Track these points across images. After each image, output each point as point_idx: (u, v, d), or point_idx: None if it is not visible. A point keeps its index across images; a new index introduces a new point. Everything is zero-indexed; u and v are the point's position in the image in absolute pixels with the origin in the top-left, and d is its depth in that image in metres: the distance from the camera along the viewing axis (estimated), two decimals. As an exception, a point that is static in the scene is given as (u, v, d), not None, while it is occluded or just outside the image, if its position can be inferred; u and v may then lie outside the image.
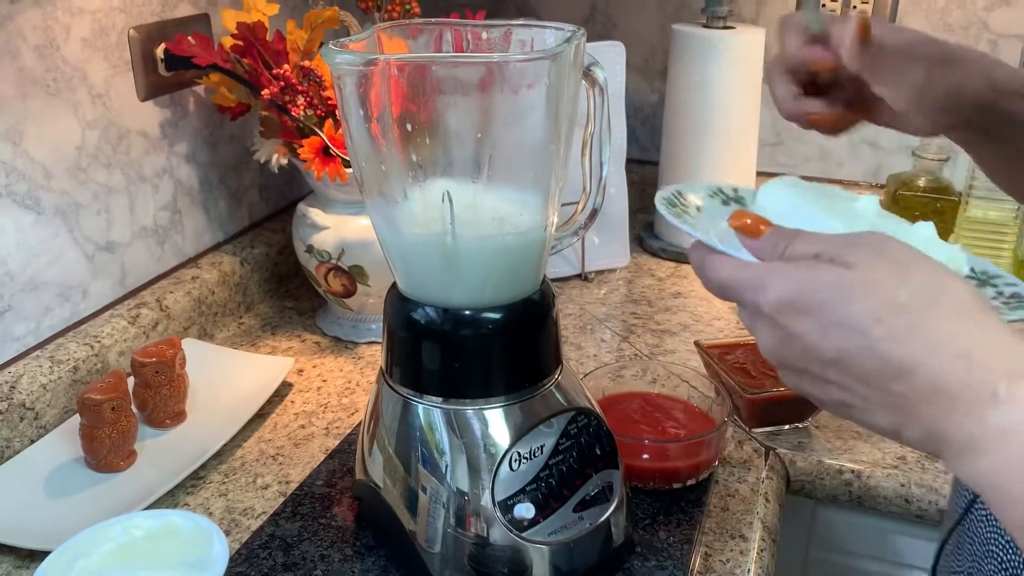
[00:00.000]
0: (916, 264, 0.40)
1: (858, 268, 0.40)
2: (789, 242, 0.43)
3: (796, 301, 0.41)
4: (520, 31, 0.62)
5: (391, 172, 0.57)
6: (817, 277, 0.41)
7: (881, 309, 0.39)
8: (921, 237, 0.51)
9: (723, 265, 0.45)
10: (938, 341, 0.38)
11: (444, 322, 0.59)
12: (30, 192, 0.79)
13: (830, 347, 0.40)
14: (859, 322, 0.39)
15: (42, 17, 0.78)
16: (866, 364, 0.39)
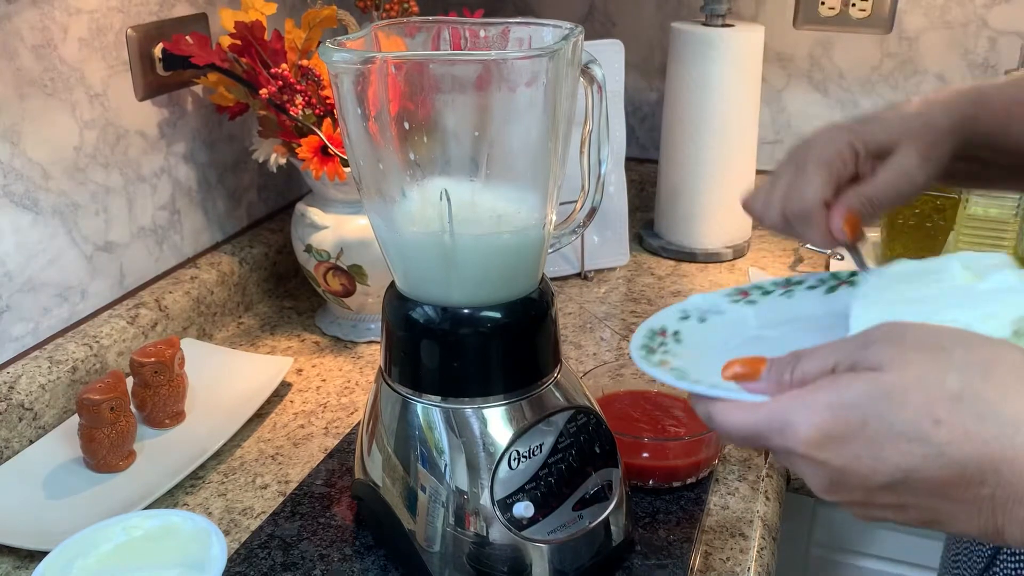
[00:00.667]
0: (950, 341, 0.35)
1: (889, 368, 0.35)
2: (794, 366, 0.39)
3: (832, 431, 0.35)
4: (518, 29, 0.62)
5: (389, 171, 0.57)
6: (846, 392, 0.35)
7: (935, 407, 0.33)
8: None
9: (732, 414, 0.40)
10: (1014, 423, 0.33)
11: (443, 321, 0.59)
12: (28, 192, 0.79)
13: (889, 468, 0.34)
14: (914, 431, 0.34)
15: (39, 17, 0.78)
16: (939, 474, 0.34)
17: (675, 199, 1.21)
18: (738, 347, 0.49)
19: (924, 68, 1.22)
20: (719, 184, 1.18)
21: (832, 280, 0.58)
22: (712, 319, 0.53)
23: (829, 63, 1.26)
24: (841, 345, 0.38)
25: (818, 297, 0.57)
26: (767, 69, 1.24)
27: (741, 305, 0.55)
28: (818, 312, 0.55)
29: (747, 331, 0.53)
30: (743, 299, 0.56)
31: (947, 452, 0.33)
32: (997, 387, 0.33)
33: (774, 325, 0.54)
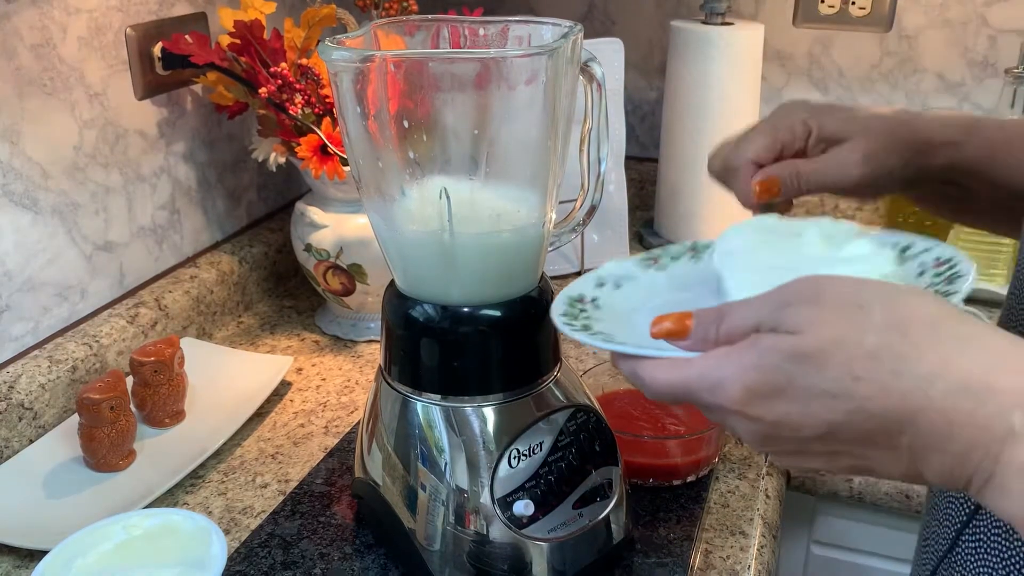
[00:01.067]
0: (866, 299, 0.37)
1: (808, 331, 0.36)
2: (719, 322, 0.40)
3: (760, 388, 0.37)
4: (517, 27, 0.62)
5: (388, 169, 0.57)
6: (769, 355, 0.37)
7: (854, 365, 0.35)
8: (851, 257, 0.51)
9: (659, 370, 0.41)
10: (929, 377, 0.34)
11: (442, 319, 0.59)
12: (28, 192, 0.79)
13: (817, 423, 0.36)
14: (837, 388, 0.36)
15: (39, 16, 0.78)
16: (862, 427, 0.36)
17: (675, 197, 1.21)
18: (653, 311, 0.50)
19: (923, 66, 1.21)
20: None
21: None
22: (627, 285, 0.55)
23: (829, 61, 1.26)
24: (762, 303, 0.39)
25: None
26: (767, 67, 1.24)
27: (653, 271, 0.57)
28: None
29: (660, 295, 0.55)
30: (654, 265, 0.58)
31: (867, 407, 0.35)
32: (912, 344, 0.35)
33: (685, 288, 0.56)
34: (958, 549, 0.52)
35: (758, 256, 0.52)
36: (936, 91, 1.22)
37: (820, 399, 0.36)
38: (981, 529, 0.50)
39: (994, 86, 1.17)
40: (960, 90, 1.21)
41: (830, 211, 1.30)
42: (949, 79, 1.21)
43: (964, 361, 0.35)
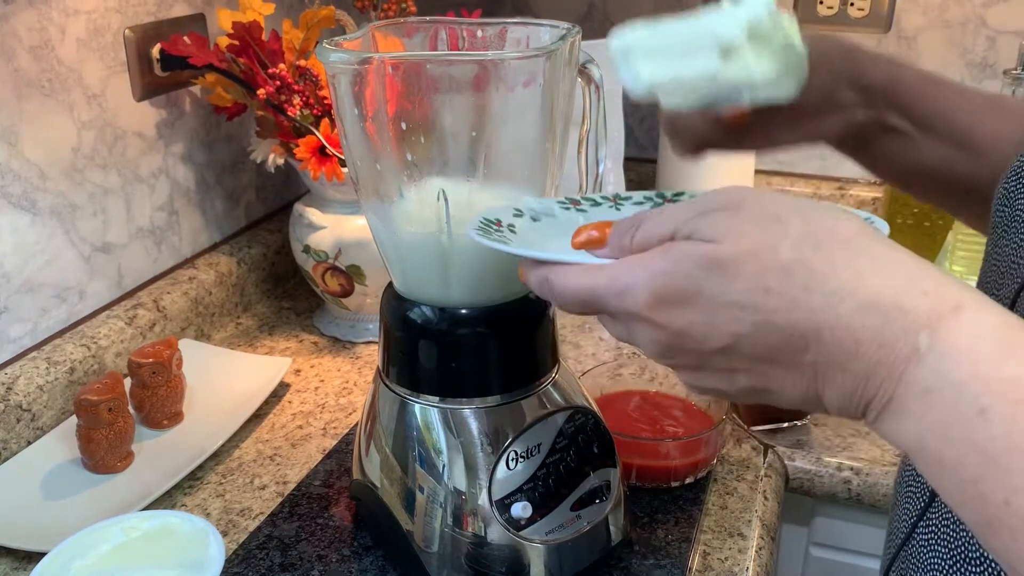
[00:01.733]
0: (785, 212, 0.36)
1: (725, 240, 0.36)
2: (635, 229, 0.39)
3: (669, 295, 0.37)
4: (515, 29, 0.62)
5: (386, 171, 0.57)
6: (682, 262, 0.36)
7: (766, 276, 0.35)
8: None
9: (570, 276, 0.40)
10: (839, 293, 0.34)
11: (441, 321, 0.59)
12: (26, 193, 0.79)
13: (721, 334, 0.36)
14: (746, 299, 0.35)
15: (37, 18, 0.78)
16: (766, 340, 0.35)
17: (674, 199, 1.21)
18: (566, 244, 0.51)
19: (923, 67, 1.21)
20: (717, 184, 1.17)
21: (658, 198, 0.59)
22: (544, 220, 0.54)
23: (827, 62, 1.26)
24: (680, 211, 0.38)
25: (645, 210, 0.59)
26: (765, 69, 1.24)
27: (572, 212, 0.56)
28: None
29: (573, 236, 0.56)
30: (573, 207, 0.57)
31: (774, 320, 0.35)
32: (826, 259, 0.35)
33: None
34: (912, 541, 0.52)
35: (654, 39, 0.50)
36: (935, 92, 1.22)
37: (727, 309, 0.35)
38: (934, 521, 0.50)
39: (993, 87, 1.17)
40: (959, 91, 1.21)
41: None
42: (948, 80, 1.21)
43: (875, 279, 0.34)
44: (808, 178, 1.32)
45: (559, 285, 0.41)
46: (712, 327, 0.36)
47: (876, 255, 0.35)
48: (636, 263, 0.38)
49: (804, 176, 1.32)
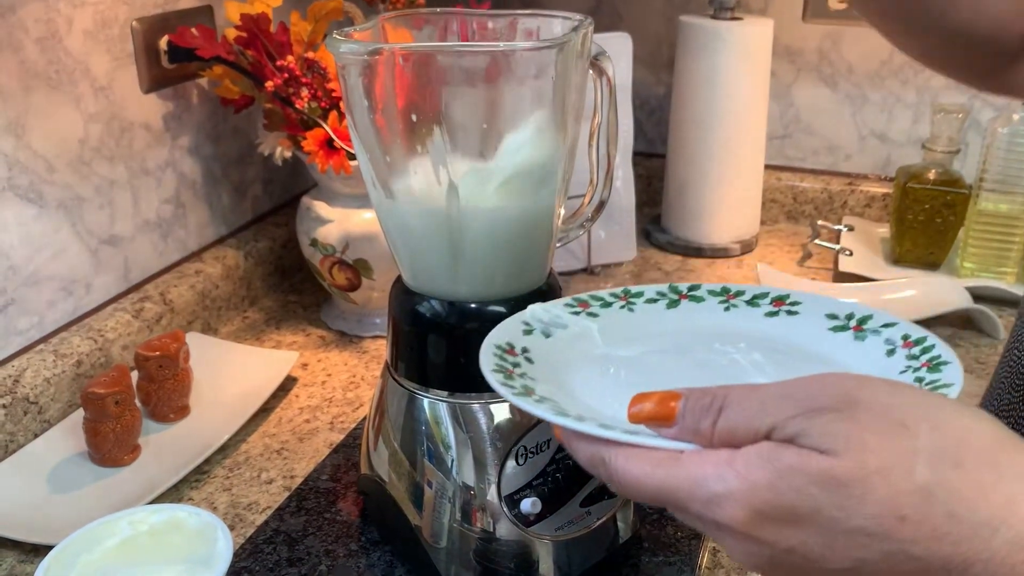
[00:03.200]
0: (911, 416, 0.31)
1: (845, 454, 0.30)
2: (717, 413, 0.34)
3: (775, 513, 0.31)
4: (526, 20, 0.61)
5: (396, 164, 0.57)
6: (791, 477, 0.31)
7: (900, 501, 0.30)
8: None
9: (634, 463, 0.34)
10: (991, 523, 0.29)
11: (450, 315, 0.58)
12: (33, 185, 0.78)
13: (842, 558, 0.31)
14: (876, 526, 0.30)
15: (44, 9, 0.77)
16: (899, 568, 0.30)
17: (682, 194, 1.21)
18: (589, 366, 0.48)
19: (934, 62, 1.21)
20: (727, 179, 1.17)
21: (672, 293, 0.57)
22: (557, 333, 0.51)
23: (838, 57, 1.25)
24: (777, 403, 0.32)
25: (660, 312, 0.56)
26: (776, 63, 1.24)
27: (583, 318, 0.54)
28: (666, 329, 0.54)
29: (594, 348, 0.52)
30: (583, 311, 0.54)
31: (911, 551, 0.30)
32: (971, 480, 0.30)
33: (622, 343, 0.52)
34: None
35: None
36: (946, 87, 1.21)
37: (852, 535, 0.30)
38: None
39: (1005, 82, 1.16)
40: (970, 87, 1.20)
41: (838, 207, 1.29)
42: (960, 75, 1.20)
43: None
44: (818, 174, 1.31)
45: (620, 472, 0.35)
46: (832, 550, 0.31)
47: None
48: (726, 466, 0.32)
49: (814, 172, 1.32)
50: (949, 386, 0.41)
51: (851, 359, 0.49)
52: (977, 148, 1.15)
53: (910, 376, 0.45)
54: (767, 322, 0.54)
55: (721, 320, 0.55)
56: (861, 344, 0.50)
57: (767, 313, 0.55)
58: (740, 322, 0.55)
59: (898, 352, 0.48)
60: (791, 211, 1.32)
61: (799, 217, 1.31)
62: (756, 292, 0.56)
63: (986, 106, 1.20)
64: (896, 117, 1.25)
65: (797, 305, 0.55)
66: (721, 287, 0.58)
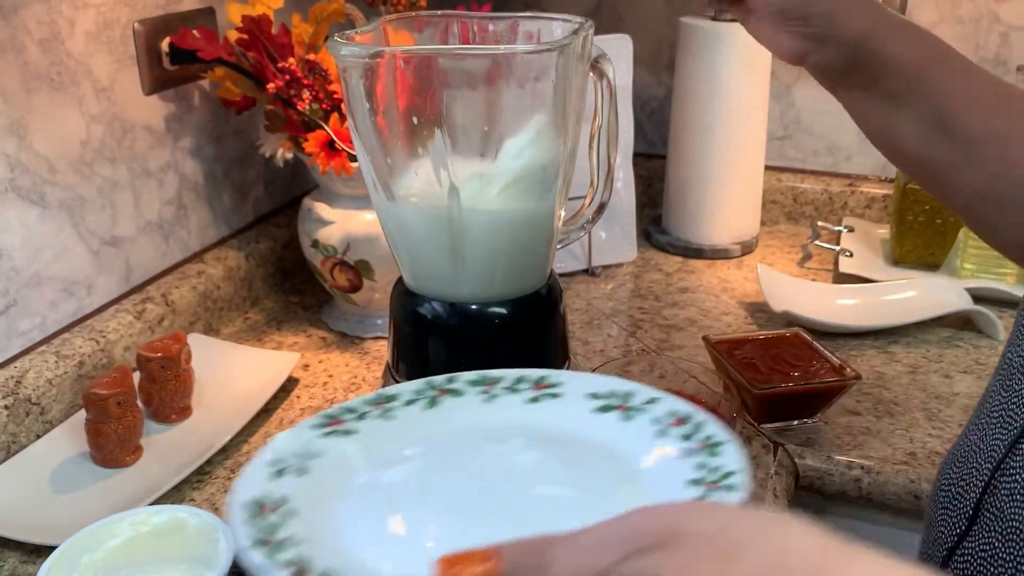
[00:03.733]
0: (738, 539, 0.31)
1: None
2: (541, 570, 0.32)
3: None
4: (527, 23, 0.62)
5: (397, 165, 0.57)
6: None
7: None
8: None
9: None
10: None
11: (451, 316, 0.59)
12: (35, 187, 0.79)
13: None
14: None
15: (46, 11, 0.78)
16: None
17: (683, 195, 1.21)
18: (359, 504, 0.42)
19: (934, 63, 1.21)
20: (727, 180, 1.17)
21: (429, 390, 0.53)
22: (313, 467, 0.45)
23: (838, 58, 1.25)
24: (606, 550, 0.31)
25: (420, 415, 0.52)
26: (776, 64, 1.24)
27: (338, 438, 0.48)
28: (431, 434, 0.51)
29: (358, 476, 0.46)
30: (337, 429, 0.49)
31: None
32: None
33: (386, 463, 0.48)
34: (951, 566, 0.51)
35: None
36: (947, 89, 1.21)
37: None
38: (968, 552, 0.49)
39: (1005, 84, 1.16)
40: (971, 88, 1.20)
41: (839, 208, 1.29)
42: (960, 76, 1.20)
43: None
44: (818, 175, 1.31)
45: None
46: None
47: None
48: None
49: (814, 173, 1.32)
50: (732, 474, 0.41)
51: (626, 442, 0.47)
52: (977, 149, 1.15)
53: (692, 463, 0.44)
54: (531, 410, 0.52)
55: (485, 415, 0.52)
56: (630, 424, 0.49)
57: (529, 399, 0.53)
58: (504, 414, 0.52)
59: (670, 432, 0.47)
60: (791, 212, 1.32)
61: (799, 218, 1.31)
62: (515, 378, 0.54)
63: (986, 107, 1.20)
64: (896, 118, 1.25)
65: (558, 387, 0.53)
66: (479, 376, 0.54)
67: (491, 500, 0.39)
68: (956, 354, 0.96)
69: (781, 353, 0.84)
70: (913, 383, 0.90)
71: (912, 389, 0.89)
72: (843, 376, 0.80)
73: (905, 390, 0.88)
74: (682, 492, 0.41)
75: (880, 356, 0.95)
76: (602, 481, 0.45)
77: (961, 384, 0.90)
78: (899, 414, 0.84)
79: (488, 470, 0.47)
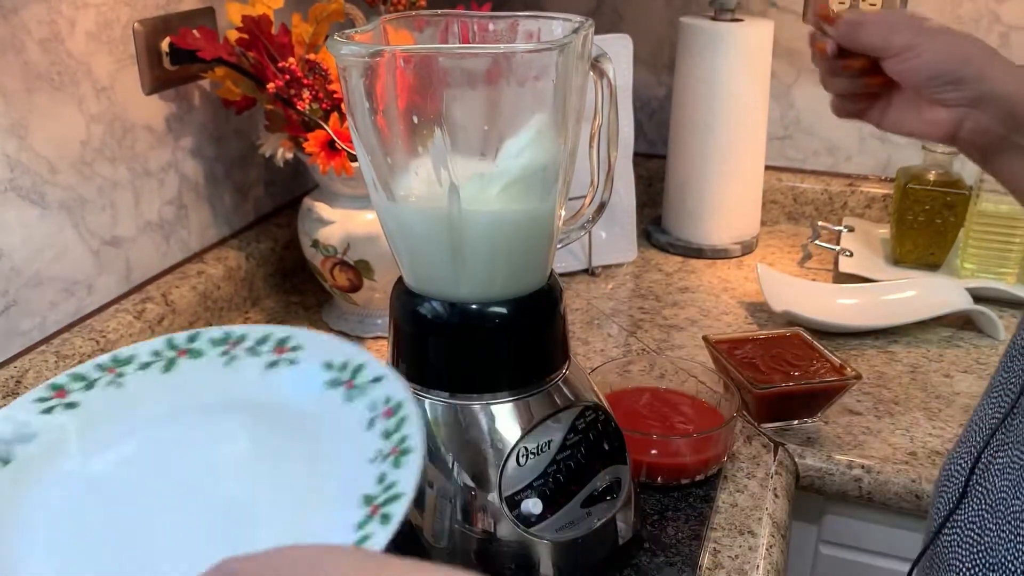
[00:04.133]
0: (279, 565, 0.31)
1: None
2: None
3: None
4: (527, 22, 0.61)
5: (397, 165, 0.57)
6: None
7: None
8: None
9: None
10: None
11: (451, 316, 0.58)
12: (35, 187, 0.79)
13: None
14: None
15: (47, 11, 0.78)
16: None
17: (683, 195, 1.21)
18: (56, 498, 0.39)
19: (935, 63, 1.21)
20: (727, 180, 1.18)
21: (169, 350, 0.50)
22: (19, 453, 0.41)
23: (839, 58, 1.25)
24: None
25: (154, 380, 0.49)
26: (776, 64, 1.24)
27: (58, 414, 0.43)
28: (159, 409, 0.48)
29: (67, 461, 0.42)
30: (59, 402, 0.44)
31: None
32: None
33: (102, 444, 0.44)
34: (939, 542, 0.52)
35: None
36: (947, 88, 1.21)
37: None
38: (960, 523, 0.50)
39: (1006, 83, 1.16)
40: (971, 87, 1.20)
41: (839, 208, 1.29)
42: (960, 76, 1.20)
43: None
44: (819, 175, 1.31)
45: None
46: None
47: None
48: None
49: (815, 173, 1.32)
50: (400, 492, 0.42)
51: (336, 431, 0.48)
52: (977, 149, 1.15)
53: (375, 473, 0.44)
54: (265, 379, 0.51)
55: (218, 384, 0.50)
56: (348, 407, 0.49)
57: (268, 364, 0.51)
58: (236, 384, 0.50)
59: (376, 425, 0.47)
60: (791, 212, 1.32)
61: (799, 218, 1.31)
62: (258, 336, 0.53)
63: (986, 107, 1.20)
64: (897, 118, 1.25)
65: (298, 351, 0.52)
66: (223, 333, 0.53)
67: (180, 501, 0.39)
68: (956, 354, 0.96)
69: (781, 353, 0.84)
70: (913, 383, 0.90)
71: (912, 389, 0.89)
72: (843, 376, 0.80)
73: (905, 390, 0.88)
74: (355, 504, 0.43)
75: (880, 356, 0.95)
76: (297, 477, 0.46)
77: (961, 384, 0.90)
78: (899, 414, 0.84)
79: (192, 461, 0.46)
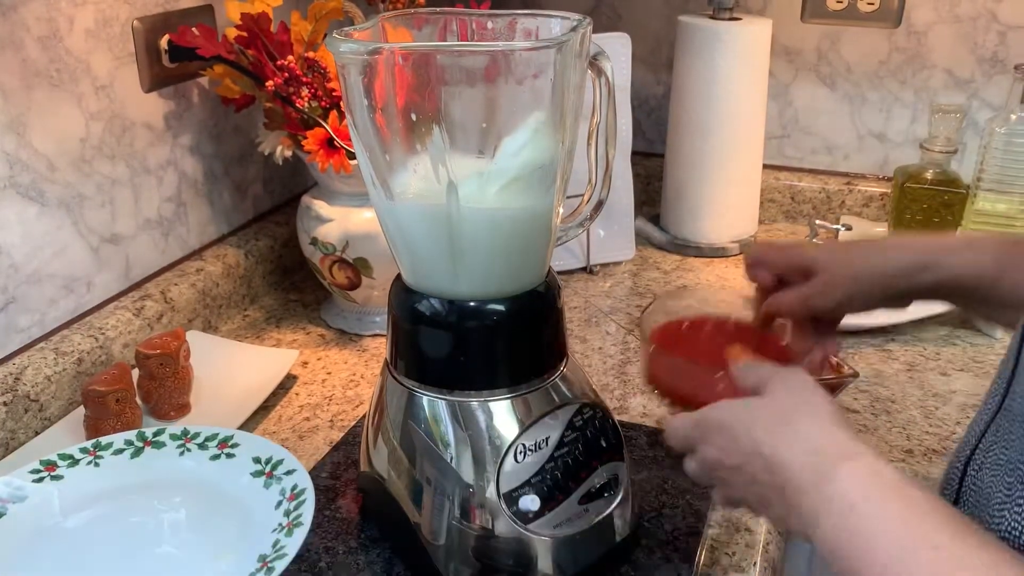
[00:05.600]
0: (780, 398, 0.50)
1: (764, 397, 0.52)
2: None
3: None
4: (525, 20, 0.62)
5: (396, 162, 0.57)
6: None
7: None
8: None
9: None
10: (800, 442, 0.48)
11: (449, 313, 0.59)
12: (34, 184, 0.79)
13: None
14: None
15: (46, 8, 0.78)
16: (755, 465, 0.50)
17: (681, 193, 1.21)
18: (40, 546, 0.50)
19: (932, 63, 1.21)
20: (725, 179, 1.18)
21: (138, 441, 0.63)
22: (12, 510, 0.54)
23: (837, 57, 1.25)
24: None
25: (125, 463, 0.63)
26: (774, 63, 1.24)
27: (47, 483, 0.56)
28: (126, 482, 0.62)
29: (48, 519, 0.55)
30: (48, 475, 0.57)
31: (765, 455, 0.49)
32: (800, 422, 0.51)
33: (79, 507, 0.57)
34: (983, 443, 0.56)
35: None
36: (945, 88, 1.22)
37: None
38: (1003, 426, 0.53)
39: (1003, 83, 1.16)
40: (969, 87, 1.20)
41: (836, 207, 1.29)
42: (958, 75, 1.20)
43: (819, 438, 0.49)
44: (816, 173, 1.31)
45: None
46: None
47: (827, 426, 0.49)
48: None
49: (812, 171, 1.32)
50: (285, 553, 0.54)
51: (253, 508, 0.61)
52: (974, 148, 1.15)
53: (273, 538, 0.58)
54: (209, 467, 0.65)
55: (173, 467, 0.65)
56: (265, 492, 0.62)
57: (212, 456, 0.66)
58: (186, 471, 0.65)
59: (282, 506, 0.60)
60: (789, 211, 1.32)
61: (797, 216, 1.32)
62: (208, 434, 0.67)
63: (984, 106, 1.20)
64: (894, 117, 1.26)
65: (236, 447, 0.66)
66: (182, 430, 0.67)
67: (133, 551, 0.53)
68: (953, 352, 0.96)
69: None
70: (910, 381, 0.90)
71: (909, 387, 0.89)
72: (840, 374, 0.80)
73: (902, 388, 0.89)
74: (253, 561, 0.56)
75: (877, 354, 0.95)
76: (218, 540, 0.59)
77: (958, 382, 0.90)
78: (896, 412, 0.85)
79: (144, 523, 0.60)
